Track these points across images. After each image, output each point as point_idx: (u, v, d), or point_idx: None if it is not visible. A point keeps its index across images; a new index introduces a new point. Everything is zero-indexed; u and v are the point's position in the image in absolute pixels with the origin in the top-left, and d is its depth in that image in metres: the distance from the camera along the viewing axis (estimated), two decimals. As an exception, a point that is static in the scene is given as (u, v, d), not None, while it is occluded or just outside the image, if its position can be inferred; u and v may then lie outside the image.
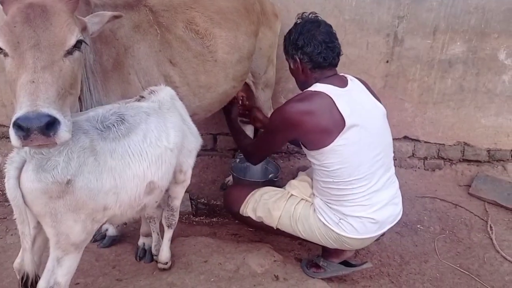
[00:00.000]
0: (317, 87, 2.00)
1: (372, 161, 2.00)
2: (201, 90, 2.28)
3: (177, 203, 2.10)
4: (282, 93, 3.27)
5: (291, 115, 1.96)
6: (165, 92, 1.87)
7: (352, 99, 1.99)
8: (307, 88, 2.05)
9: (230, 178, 3.16)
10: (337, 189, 2.02)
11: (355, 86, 2.09)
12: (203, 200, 3.13)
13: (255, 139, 2.42)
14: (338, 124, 1.92)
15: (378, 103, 2.14)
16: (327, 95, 1.94)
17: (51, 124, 1.25)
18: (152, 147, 1.64)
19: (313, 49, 2.01)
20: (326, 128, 1.93)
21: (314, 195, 2.18)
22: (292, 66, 2.15)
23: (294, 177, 2.43)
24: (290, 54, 2.11)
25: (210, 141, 3.40)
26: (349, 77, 2.11)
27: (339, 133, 1.92)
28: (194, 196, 3.12)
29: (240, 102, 2.69)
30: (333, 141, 1.93)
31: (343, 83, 2.05)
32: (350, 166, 1.96)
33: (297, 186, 2.24)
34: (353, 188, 2.00)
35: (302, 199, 2.19)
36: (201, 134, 2.04)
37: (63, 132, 1.29)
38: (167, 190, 1.95)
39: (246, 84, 2.77)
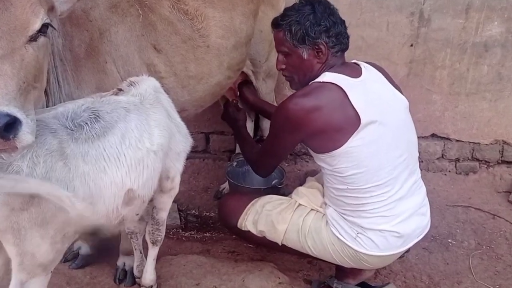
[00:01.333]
0: (326, 77, 1.98)
1: (393, 164, 2.00)
2: (190, 81, 2.28)
3: (163, 215, 2.10)
4: (287, 84, 3.24)
5: (295, 113, 1.95)
6: (148, 84, 1.87)
7: (367, 90, 1.98)
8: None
9: (226, 185, 3.15)
10: (353, 198, 2.02)
11: (371, 75, 2.07)
12: (193, 211, 3.13)
13: (260, 146, 2.41)
14: (351, 121, 1.91)
15: (399, 94, 2.14)
16: (338, 86, 1.93)
17: (10, 125, 1.25)
18: (132, 150, 1.64)
19: (341, 29, 2.02)
20: (337, 126, 1.93)
21: (326, 204, 2.17)
22: (305, 57, 2.03)
23: (301, 183, 2.43)
24: (312, 40, 1.99)
25: (201, 141, 3.40)
26: (362, 65, 2.10)
27: (354, 131, 1.92)
28: (183, 207, 3.12)
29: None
30: (346, 141, 1.92)
31: (356, 72, 2.04)
32: (367, 170, 1.96)
33: (306, 194, 2.23)
34: (372, 196, 2.00)
35: (312, 209, 2.19)
36: (191, 133, 2.04)
37: (25, 134, 1.29)
38: (151, 200, 1.94)
39: (244, 74, 2.77)
